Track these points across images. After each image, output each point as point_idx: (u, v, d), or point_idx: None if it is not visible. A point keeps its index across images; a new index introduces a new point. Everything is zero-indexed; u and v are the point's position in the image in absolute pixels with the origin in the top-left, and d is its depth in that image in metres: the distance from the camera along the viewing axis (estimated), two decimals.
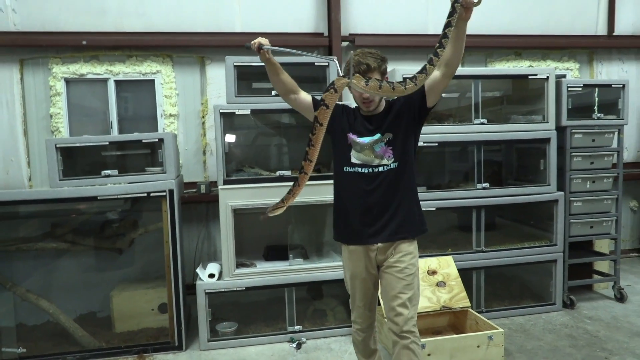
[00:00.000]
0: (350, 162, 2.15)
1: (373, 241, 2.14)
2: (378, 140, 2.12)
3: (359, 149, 2.14)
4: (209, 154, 4.24)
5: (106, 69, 4.03)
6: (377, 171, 2.11)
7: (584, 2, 4.87)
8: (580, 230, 3.79)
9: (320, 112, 1.94)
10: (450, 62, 1.98)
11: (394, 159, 2.12)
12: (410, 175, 2.17)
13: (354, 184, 2.14)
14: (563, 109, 3.70)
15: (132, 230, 3.43)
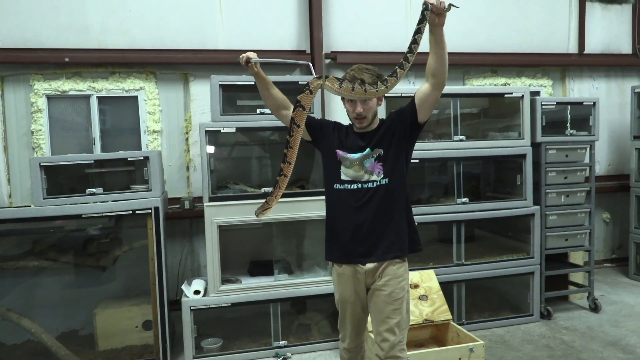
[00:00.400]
0: (340, 179, 2.14)
1: (364, 261, 2.12)
2: (367, 156, 2.11)
3: (349, 164, 2.12)
4: (192, 169, 4.27)
5: (89, 85, 4.05)
6: (367, 187, 2.09)
7: (556, 21, 5.09)
8: (555, 242, 3.94)
9: (297, 113, 1.97)
10: (436, 72, 1.96)
11: (383, 175, 2.09)
12: (402, 192, 2.14)
13: (344, 201, 2.13)
14: (538, 126, 3.86)
15: (116, 248, 3.44)
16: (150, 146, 4.13)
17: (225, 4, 4.27)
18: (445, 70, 1.97)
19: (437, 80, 1.99)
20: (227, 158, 3.91)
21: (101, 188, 3.30)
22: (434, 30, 1.90)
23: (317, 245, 3.78)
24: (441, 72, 1.97)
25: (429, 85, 2.02)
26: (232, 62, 4.18)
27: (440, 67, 1.96)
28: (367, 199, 2.09)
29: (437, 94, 2.03)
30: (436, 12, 1.86)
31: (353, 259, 2.14)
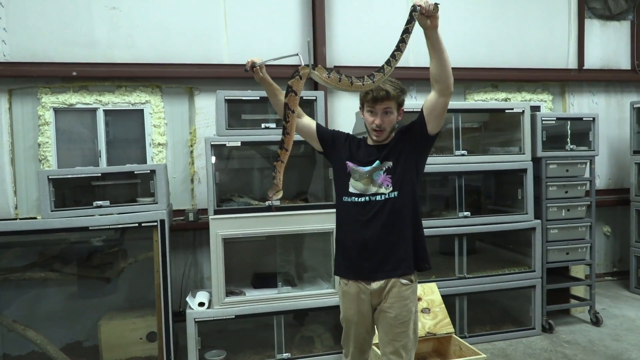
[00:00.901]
0: (348, 191, 2.12)
1: (371, 277, 2.09)
2: (377, 168, 2.08)
3: (358, 177, 2.11)
4: (197, 181, 4.33)
5: (95, 99, 4.12)
6: (374, 200, 2.06)
7: (555, 37, 5.18)
8: (557, 256, 3.98)
9: (290, 98, 1.97)
10: (439, 77, 1.93)
11: (392, 188, 2.06)
12: (412, 206, 2.09)
13: (352, 215, 2.10)
14: (538, 141, 3.92)
15: (121, 260, 3.48)
16: (155, 159, 4.19)
17: (230, 20, 4.36)
18: (448, 74, 1.93)
19: (441, 85, 1.95)
20: (231, 171, 3.96)
21: (108, 201, 3.35)
22: (428, 34, 1.88)
23: (319, 258, 3.82)
24: (444, 77, 1.93)
25: (434, 92, 1.99)
26: (236, 76, 4.28)
27: (442, 71, 1.92)
28: (374, 213, 2.06)
29: (445, 100, 1.99)
30: (425, 14, 1.84)
31: (360, 275, 2.11)
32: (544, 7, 5.13)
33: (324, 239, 3.58)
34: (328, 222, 3.42)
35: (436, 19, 1.85)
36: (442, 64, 1.91)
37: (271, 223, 3.38)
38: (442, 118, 2.05)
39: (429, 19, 1.85)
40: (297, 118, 2.22)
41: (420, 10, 1.85)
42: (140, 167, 3.46)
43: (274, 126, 3.51)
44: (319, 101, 3.63)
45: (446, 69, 1.92)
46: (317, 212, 3.44)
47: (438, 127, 2.07)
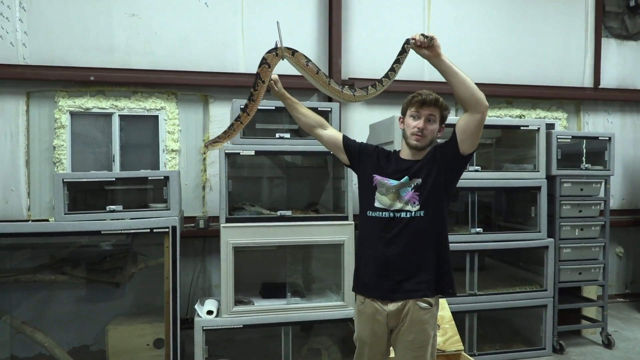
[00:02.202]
0: (373, 205, 2.07)
1: (389, 297, 2.03)
2: (405, 184, 2.03)
3: (384, 191, 2.06)
4: (208, 189, 4.34)
5: (112, 103, 4.16)
6: (399, 217, 2.01)
7: (571, 55, 5.17)
8: (569, 276, 3.94)
9: (262, 69, 2.04)
10: (463, 98, 1.90)
11: (419, 207, 2.01)
12: (439, 228, 2.04)
13: (375, 231, 2.05)
14: (553, 159, 3.90)
15: (132, 265, 3.49)
16: (168, 165, 4.22)
17: (247, 30, 4.40)
18: (471, 91, 1.89)
19: (469, 105, 1.92)
20: (243, 180, 3.98)
21: (120, 205, 3.37)
22: (434, 63, 1.90)
23: (329, 270, 3.81)
24: (468, 95, 1.89)
25: (465, 113, 1.97)
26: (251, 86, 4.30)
27: (464, 92, 1.89)
28: (398, 231, 2.01)
29: (479, 117, 1.93)
30: (420, 46, 1.87)
31: (377, 294, 2.06)
32: (561, 24, 5.13)
33: (335, 251, 3.57)
34: (339, 234, 3.42)
35: (435, 48, 1.87)
36: (461, 84, 1.90)
37: (282, 233, 3.38)
38: (477, 137, 1.99)
39: (427, 50, 1.88)
40: (320, 129, 2.25)
41: (415, 42, 1.88)
42: (154, 173, 3.49)
43: (288, 136, 3.53)
44: (334, 113, 3.64)
45: (467, 88, 1.89)
46: (328, 224, 3.44)
47: (472, 147, 2.01)
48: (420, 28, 4.76)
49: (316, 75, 2.05)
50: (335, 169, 3.92)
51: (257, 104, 2.05)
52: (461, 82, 1.89)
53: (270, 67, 2.02)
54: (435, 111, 2.05)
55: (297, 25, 4.52)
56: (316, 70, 2.04)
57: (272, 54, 2.02)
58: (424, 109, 2.05)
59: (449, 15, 4.79)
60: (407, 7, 4.74)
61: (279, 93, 2.21)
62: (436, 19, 4.75)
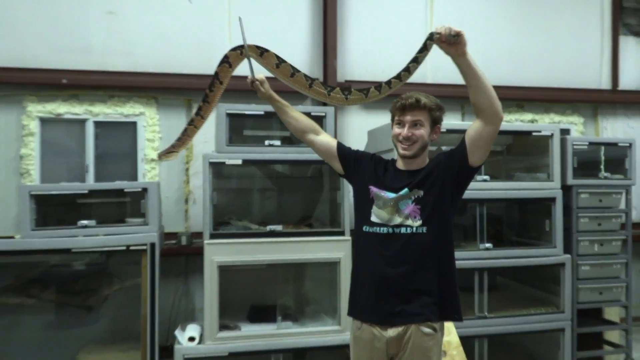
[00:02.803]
0: (369, 220, 2.04)
1: (388, 322, 1.98)
2: (404, 197, 2.00)
3: (382, 204, 2.03)
4: (191, 202, 4.30)
5: (86, 109, 4.13)
6: (399, 233, 1.99)
7: (587, 55, 5.18)
8: (588, 296, 3.89)
9: (222, 69, 2.01)
10: (480, 105, 1.88)
11: (421, 222, 1.98)
12: (443, 246, 2.01)
13: (372, 248, 2.02)
14: (568, 168, 3.87)
15: (106, 286, 3.44)
16: (148, 176, 4.18)
17: (235, 29, 4.39)
18: (491, 100, 1.86)
19: (485, 114, 1.89)
20: (230, 192, 3.94)
21: (94, 220, 3.32)
22: (457, 61, 1.86)
23: (324, 291, 3.76)
24: (486, 104, 1.87)
25: (478, 120, 1.93)
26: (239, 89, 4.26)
27: (483, 100, 1.86)
28: (398, 248, 1.98)
29: (493, 129, 1.91)
30: (445, 42, 1.81)
31: (376, 318, 2.02)
32: (574, 21, 5.15)
33: (330, 270, 3.52)
34: (335, 251, 3.38)
35: (461, 46, 1.82)
36: (481, 90, 1.86)
37: (272, 250, 3.34)
38: (488, 149, 1.98)
39: (452, 47, 1.82)
40: (312, 134, 2.22)
41: (440, 37, 1.82)
42: (132, 184, 3.46)
43: (278, 143, 3.50)
44: (328, 118, 3.61)
45: (487, 95, 1.86)
46: (323, 239, 3.40)
47: (482, 159, 1.99)
48: (422, 26, 4.76)
49: (291, 79, 1.98)
50: (331, 180, 3.89)
51: (213, 106, 2.05)
52: (482, 88, 1.86)
53: (231, 66, 1.99)
54: (420, 114, 2.02)
55: (289, 23, 4.52)
56: (291, 73, 1.97)
57: (237, 52, 1.98)
58: (406, 115, 2.03)
59: (453, 13, 4.80)
60: (408, 5, 4.75)
61: (266, 95, 2.19)
62: (439, 17, 4.76)
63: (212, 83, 2.00)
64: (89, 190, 3.45)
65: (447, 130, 3.55)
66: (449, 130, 3.56)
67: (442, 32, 1.81)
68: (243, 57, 1.98)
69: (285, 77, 1.98)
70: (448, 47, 1.83)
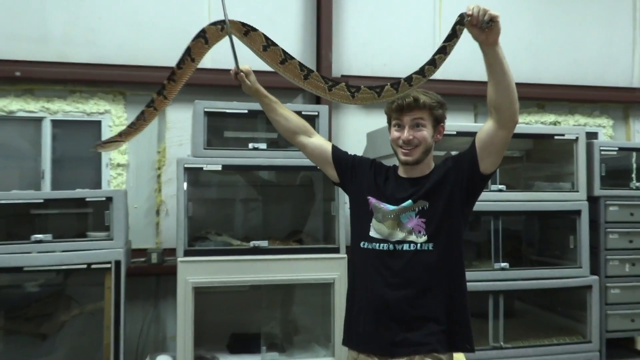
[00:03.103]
0: (368, 235, 2.04)
1: (389, 352, 1.96)
2: (407, 209, 2.01)
3: (381, 217, 2.03)
4: (164, 214, 4.29)
5: (42, 106, 4.12)
6: (401, 249, 1.98)
7: (616, 50, 5.23)
8: (619, 324, 3.91)
9: (196, 43, 1.95)
10: (498, 105, 1.86)
11: (427, 238, 1.97)
12: (453, 264, 2.01)
13: (371, 267, 2.02)
14: (595, 176, 3.91)
15: (63, 311, 3.42)
16: (113, 183, 4.17)
17: (217, 15, 4.38)
18: (512, 101, 1.86)
19: (502, 116, 1.88)
20: (208, 202, 3.94)
21: (50, 234, 3.31)
22: (485, 50, 1.82)
23: (315, 316, 3.76)
24: (506, 104, 1.86)
25: (492, 122, 1.92)
26: (219, 84, 4.30)
27: (503, 99, 1.85)
28: (401, 267, 1.98)
29: (505, 134, 1.92)
30: (477, 25, 1.78)
31: (375, 348, 2.00)
32: (602, 11, 5.21)
33: (323, 292, 3.53)
34: (329, 270, 3.39)
35: (494, 34, 1.78)
36: (504, 89, 1.84)
37: (256, 269, 3.34)
38: (501, 155, 1.98)
39: (483, 34, 1.79)
40: (302, 136, 2.22)
41: (471, 20, 1.78)
42: (95, 193, 3.45)
43: (264, 147, 3.51)
44: (322, 118, 3.63)
45: (509, 95, 1.85)
46: (315, 257, 3.41)
47: (495, 165, 2.00)
48: (430, 15, 4.80)
49: (281, 66, 1.93)
50: (324, 189, 3.90)
51: (179, 86, 2.00)
52: (506, 85, 1.84)
53: (207, 43, 1.94)
54: (421, 114, 2.01)
55: (278, 9, 4.54)
56: (281, 59, 1.92)
57: (217, 27, 1.94)
58: (405, 115, 2.03)
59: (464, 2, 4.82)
60: None
61: (252, 89, 2.18)
62: (449, 5, 4.80)
63: (182, 59, 1.95)
64: (44, 199, 3.43)
65: (458, 132, 3.59)
66: (459, 133, 3.59)
67: (474, 14, 1.78)
68: (224, 34, 1.94)
69: (274, 64, 1.94)
70: (479, 32, 1.79)
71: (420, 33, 4.79)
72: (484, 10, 1.78)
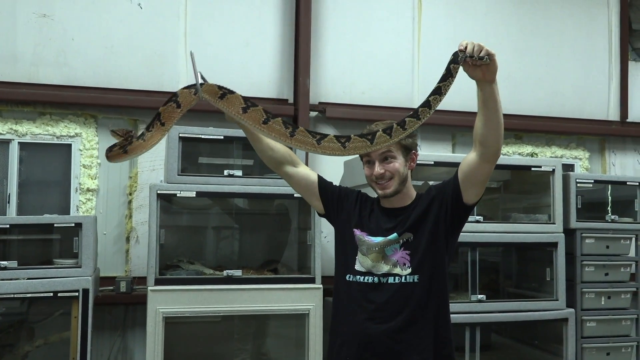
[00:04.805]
0: (353, 268, 2.07)
1: None
2: (392, 242, 2.04)
3: (365, 250, 2.06)
4: (134, 241, 4.29)
5: (10, 127, 4.12)
6: (386, 282, 2.01)
7: (593, 82, 5.42)
8: (594, 357, 4.01)
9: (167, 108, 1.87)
10: (485, 139, 1.88)
11: (411, 270, 2.00)
12: (438, 297, 2.03)
13: (354, 300, 2.04)
14: (572, 209, 4.03)
15: (26, 341, 3.40)
16: (82, 209, 4.17)
17: (192, 39, 4.48)
18: (499, 137, 1.88)
19: (487, 150, 1.90)
20: (180, 229, 3.97)
21: (15, 261, 3.29)
22: (482, 87, 1.82)
23: (289, 349, 3.78)
24: (493, 142, 1.88)
25: (476, 155, 1.93)
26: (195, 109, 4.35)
27: (491, 135, 1.87)
28: (385, 300, 2.00)
29: (488, 167, 1.95)
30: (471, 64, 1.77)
31: None
32: (580, 44, 5.40)
33: (297, 324, 3.56)
34: (304, 301, 3.42)
35: (491, 72, 1.79)
36: (494, 125, 1.86)
37: (229, 299, 3.36)
38: (484, 186, 2.02)
39: (479, 71, 1.78)
40: (288, 166, 2.19)
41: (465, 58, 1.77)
42: (63, 218, 3.45)
43: (239, 174, 3.56)
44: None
45: (497, 131, 1.87)
46: (290, 287, 3.44)
47: (478, 195, 2.03)
48: (409, 44, 4.93)
49: (264, 126, 1.88)
50: (300, 217, 3.95)
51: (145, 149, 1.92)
52: (497, 122, 1.85)
53: (180, 107, 1.89)
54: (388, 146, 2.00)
55: (255, 34, 4.62)
56: (264, 119, 1.87)
57: (190, 89, 1.91)
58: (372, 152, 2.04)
59: (443, 29, 4.99)
60: (393, 18, 4.92)
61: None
62: (428, 33, 4.95)
63: (152, 123, 1.89)
64: (9, 224, 3.43)
65: (435, 162, 3.69)
66: (437, 163, 3.69)
67: (468, 50, 1.77)
68: (197, 98, 1.92)
69: (256, 125, 1.89)
70: (474, 70, 1.79)
71: (399, 61, 4.91)
72: (478, 46, 1.77)
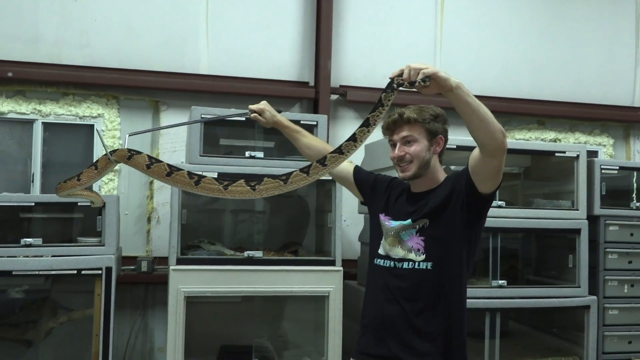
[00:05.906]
0: (377, 252, 2.16)
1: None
2: (407, 227, 2.06)
3: (384, 234, 2.13)
4: (155, 221, 4.34)
5: (34, 108, 4.17)
6: (400, 267, 2.05)
7: (618, 68, 5.35)
8: (616, 345, 3.98)
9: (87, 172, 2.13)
10: (478, 139, 1.84)
11: (425, 257, 2.01)
12: (452, 285, 2.03)
13: (377, 283, 2.12)
14: (596, 195, 3.98)
15: (50, 318, 3.45)
16: (105, 189, 4.22)
17: (213, 21, 4.49)
18: (491, 133, 1.79)
19: (487, 148, 1.85)
20: (202, 210, 3.99)
21: (40, 239, 3.34)
22: (446, 96, 1.77)
23: (308, 331, 3.80)
24: (486, 137, 1.81)
25: (479, 151, 1.90)
26: (216, 91, 4.38)
27: (480, 134, 1.82)
28: (399, 285, 2.04)
29: (494, 162, 1.88)
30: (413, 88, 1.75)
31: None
32: (605, 29, 5.32)
33: (317, 306, 3.57)
34: (324, 283, 3.43)
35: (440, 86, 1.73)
36: (476, 125, 1.80)
37: (250, 280, 3.38)
38: (497, 178, 1.94)
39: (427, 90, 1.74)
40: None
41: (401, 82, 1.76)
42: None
43: (261, 155, 3.57)
44: (320, 127, 3.70)
45: (485, 128, 1.80)
46: (310, 269, 3.46)
47: (493, 186, 1.96)
48: (431, 27, 4.89)
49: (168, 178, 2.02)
50: (322, 200, 3.96)
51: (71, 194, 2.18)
52: (478, 122, 1.79)
53: (97, 169, 2.13)
54: (410, 129, 2.04)
55: (276, 16, 4.62)
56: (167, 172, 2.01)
57: (105, 157, 2.13)
58: (394, 134, 2.10)
59: (466, 13, 4.94)
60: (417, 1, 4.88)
61: (269, 123, 2.27)
62: (451, 17, 4.89)
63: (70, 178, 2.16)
64: (34, 202, 3.47)
65: (457, 146, 3.66)
66: (459, 147, 3.66)
67: (404, 76, 1.75)
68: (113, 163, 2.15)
69: (161, 178, 2.06)
70: (422, 89, 1.74)
71: (421, 46, 4.87)
72: (415, 70, 1.73)
